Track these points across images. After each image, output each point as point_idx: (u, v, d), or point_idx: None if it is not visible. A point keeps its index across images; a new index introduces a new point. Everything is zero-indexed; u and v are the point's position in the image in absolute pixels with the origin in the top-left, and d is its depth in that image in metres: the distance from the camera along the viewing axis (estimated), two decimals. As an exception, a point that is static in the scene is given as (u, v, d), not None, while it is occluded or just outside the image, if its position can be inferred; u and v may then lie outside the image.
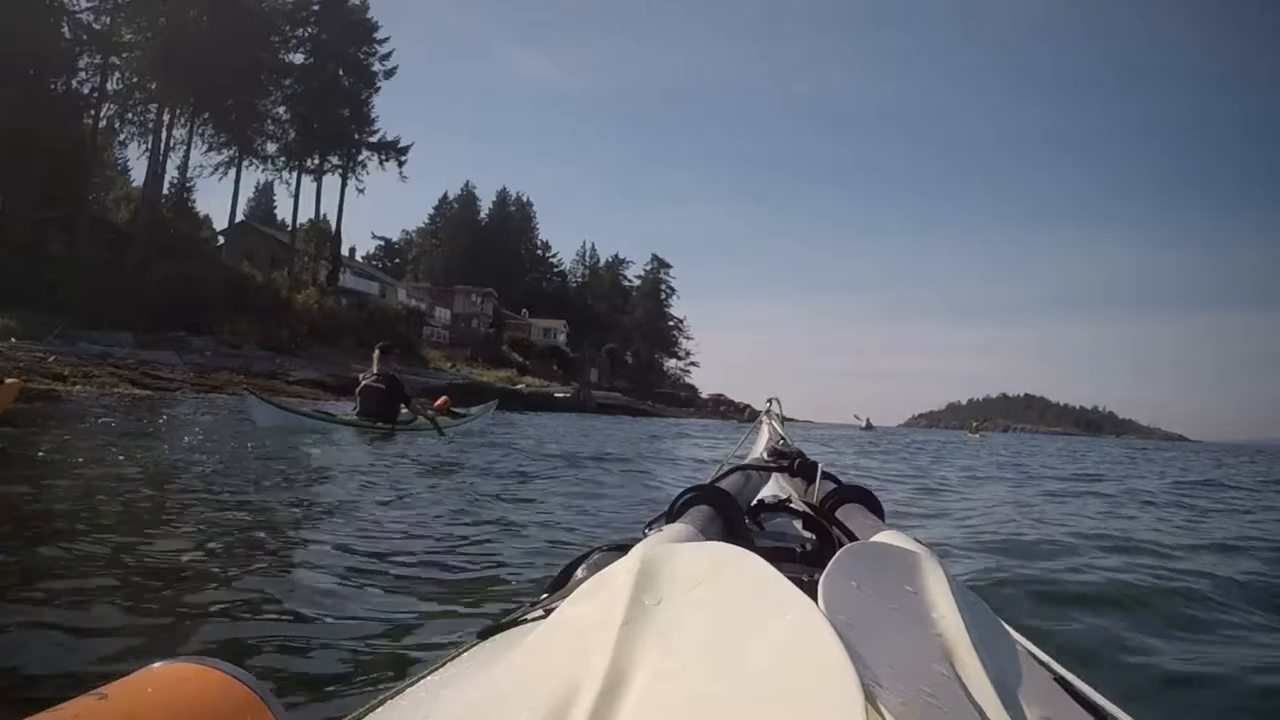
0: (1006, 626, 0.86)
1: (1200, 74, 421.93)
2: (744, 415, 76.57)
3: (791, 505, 1.58)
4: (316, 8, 58.75)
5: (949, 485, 10.12)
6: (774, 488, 1.91)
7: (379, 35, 62.09)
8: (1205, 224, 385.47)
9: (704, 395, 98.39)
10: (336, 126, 59.70)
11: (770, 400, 3.00)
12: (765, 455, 2.07)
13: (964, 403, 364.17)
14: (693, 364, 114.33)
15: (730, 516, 1.20)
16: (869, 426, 69.83)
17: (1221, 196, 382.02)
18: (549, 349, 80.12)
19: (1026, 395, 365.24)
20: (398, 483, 6.56)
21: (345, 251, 72.27)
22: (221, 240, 60.25)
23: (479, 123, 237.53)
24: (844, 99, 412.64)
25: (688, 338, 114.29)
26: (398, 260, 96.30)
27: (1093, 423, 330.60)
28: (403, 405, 12.16)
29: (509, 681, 0.60)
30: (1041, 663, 0.88)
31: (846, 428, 61.56)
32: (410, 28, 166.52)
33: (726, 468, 1.83)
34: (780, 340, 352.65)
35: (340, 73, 60.58)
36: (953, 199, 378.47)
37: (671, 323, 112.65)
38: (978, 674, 0.63)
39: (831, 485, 1.56)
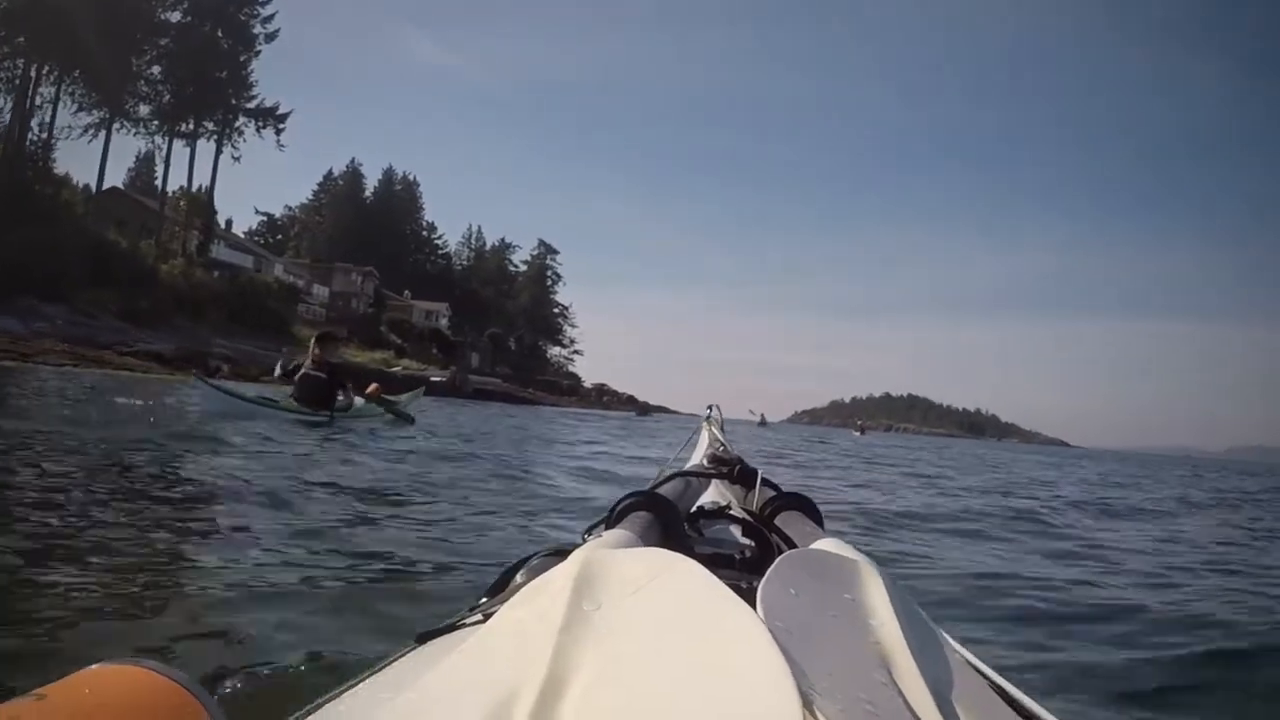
0: (944, 634, 0.87)
1: (1087, 79, 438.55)
2: (640, 409, 76.71)
3: (731, 512, 1.59)
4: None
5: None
6: (714, 494, 1.92)
7: (262, -3, 60.18)
8: (1096, 231, 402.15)
9: (587, 384, 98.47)
10: (213, 89, 57.68)
11: (710, 407, 2.96)
12: (705, 461, 2.06)
13: (847, 400, 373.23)
14: (577, 352, 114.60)
15: (669, 523, 1.19)
16: (764, 423, 70.39)
17: (1115, 205, 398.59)
18: (429, 331, 78.96)
19: (910, 395, 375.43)
20: (328, 475, 6.39)
21: (222, 223, 70.11)
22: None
23: (368, 101, 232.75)
24: (745, 95, 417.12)
25: (573, 325, 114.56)
26: (280, 236, 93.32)
27: (976, 425, 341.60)
28: (340, 393, 12.58)
29: (446, 685, 0.59)
30: (978, 670, 0.89)
31: (743, 423, 60.60)
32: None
33: (666, 474, 1.81)
34: (668, 333, 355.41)
35: (219, 33, 58.55)
36: (847, 200, 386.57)
37: (557, 309, 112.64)
38: (915, 682, 0.63)
39: (771, 492, 1.57)
